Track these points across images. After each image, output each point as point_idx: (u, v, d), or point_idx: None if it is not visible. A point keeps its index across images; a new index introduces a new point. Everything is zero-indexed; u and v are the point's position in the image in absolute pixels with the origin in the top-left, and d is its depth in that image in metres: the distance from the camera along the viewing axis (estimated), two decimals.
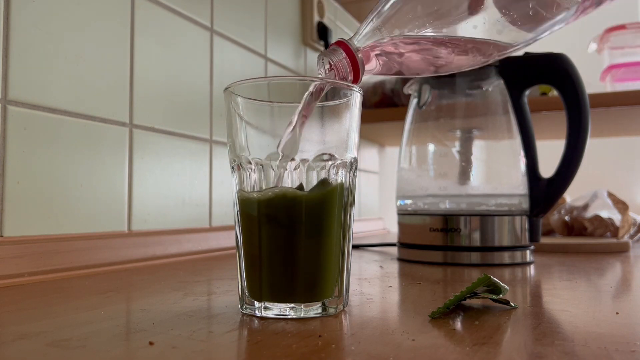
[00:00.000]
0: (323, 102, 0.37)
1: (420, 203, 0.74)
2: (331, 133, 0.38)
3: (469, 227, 0.67)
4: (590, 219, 0.98)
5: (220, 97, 0.84)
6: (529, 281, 0.54)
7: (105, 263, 0.60)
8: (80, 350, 0.28)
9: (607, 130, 1.31)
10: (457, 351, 0.28)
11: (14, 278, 0.50)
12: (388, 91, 1.19)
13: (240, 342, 0.30)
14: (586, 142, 0.67)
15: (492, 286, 0.40)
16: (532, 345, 0.29)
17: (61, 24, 0.58)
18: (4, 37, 0.52)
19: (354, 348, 0.28)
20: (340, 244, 0.37)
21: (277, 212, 0.35)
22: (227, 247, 0.81)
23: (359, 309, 0.39)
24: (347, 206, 0.38)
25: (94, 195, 0.61)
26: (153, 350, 0.28)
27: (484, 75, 0.72)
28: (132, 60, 0.67)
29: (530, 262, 0.69)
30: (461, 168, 0.73)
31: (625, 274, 0.62)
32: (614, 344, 0.29)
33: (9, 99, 0.52)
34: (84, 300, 0.42)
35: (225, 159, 0.84)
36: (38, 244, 0.53)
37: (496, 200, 0.71)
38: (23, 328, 0.33)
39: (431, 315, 0.36)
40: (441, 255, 0.68)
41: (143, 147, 0.68)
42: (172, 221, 0.73)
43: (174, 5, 0.74)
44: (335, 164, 0.37)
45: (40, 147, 0.55)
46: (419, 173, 0.75)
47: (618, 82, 1.15)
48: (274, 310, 0.36)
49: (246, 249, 0.37)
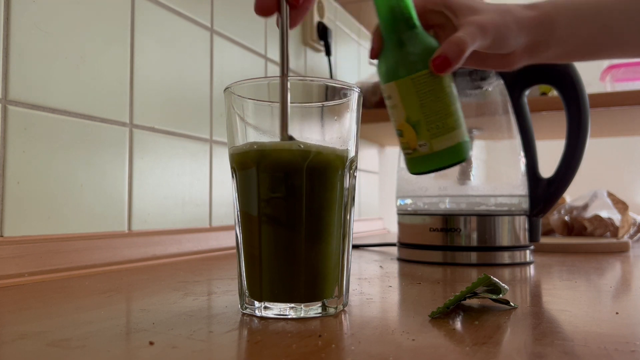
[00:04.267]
0: (323, 102, 0.37)
1: (420, 203, 0.74)
2: (331, 133, 0.38)
3: (469, 227, 0.67)
4: (590, 219, 0.98)
5: (220, 97, 0.84)
6: (528, 281, 0.54)
7: (105, 263, 0.60)
8: (80, 350, 0.28)
9: (607, 130, 1.31)
10: (457, 351, 0.28)
11: (14, 278, 0.50)
12: None
13: (240, 342, 0.30)
14: (586, 142, 0.67)
15: (492, 286, 0.40)
16: (532, 345, 0.29)
17: (61, 24, 0.58)
18: (4, 37, 0.52)
19: (354, 348, 0.28)
20: (340, 244, 0.37)
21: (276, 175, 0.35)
22: (227, 247, 0.81)
23: (359, 309, 0.39)
24: (347, 206, 0.38)
25: (94, 195, 0.61)
26: (153, 350, 0.28)
27: (484, 75, 0.72)
28: (132, 61, 0.67)
29: (530, 262, 0.69)
30: (461, 168, 0.73)
31: (625, 274, 0.62)
32: (614, 343, 0.29)
33: (9, 99, 0.52)
34: (84, 300, 0.42)
35: (225, 159, 0.84)
36: (38, 244, 0.53)
37: (496, 200, 0.71)
38: (23, 328, 0.33)
39: (431, 315, 0.36)
40: (441, 255, 0.68)
41: (143, 147, 0.68)
42: (172, 221, 0.73)
43: (174, 5, 0.74)
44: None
45: (40, 147, 0.55)
46: None
47: (618, 82, 1.15)
48: (274, 310, 0.36)
49: (246, 249, 0.37)
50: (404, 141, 0.49)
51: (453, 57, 0.46)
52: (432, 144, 0.47)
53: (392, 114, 0.50)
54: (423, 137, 0.47)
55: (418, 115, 0.47)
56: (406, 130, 0.48)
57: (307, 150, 0.35)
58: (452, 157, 0.47)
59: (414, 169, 0.50)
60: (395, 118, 0.49)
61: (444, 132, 0.47)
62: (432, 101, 0.46)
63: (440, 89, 0.47)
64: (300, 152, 0.35)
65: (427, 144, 0.47)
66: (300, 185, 0.35)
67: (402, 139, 0.49)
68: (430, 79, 0.46)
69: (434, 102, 0.46)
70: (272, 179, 0.36)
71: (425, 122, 0.47)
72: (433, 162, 0.47)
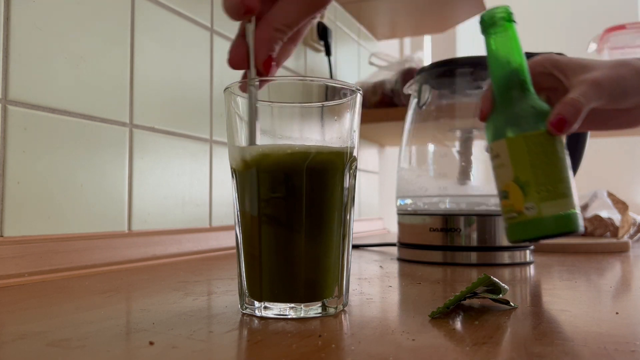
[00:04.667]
0: (323, 102, 0.37)
1: (420, 203, 0.74)
2: (331, 133, 0.38)
3: (469, 227, 0.67)
4: (590, 219, 0.98)
5: (220, 97, 0.84)
6: (528, 281, 0.54)
7: (105, 263, 0.60)
8: (80, 350, 0.28)
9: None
10: (457, 351, 0.28)
11: (14, 278, 0.50)
12: (388, 91, 1.19)
13: (240, 342, 0.30)
14: (586, 142, 0.67)
15: (492, 286, 0.40)
16: (532, 345, 0.29)
17: (61, 24, 0.58)
18: (4, 37, 0.52)
19: (354, 348, 0.28)
20: (340, 244, 0.37)
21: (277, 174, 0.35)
22: (227, 247, 0.81)
23: (359, 309, 0.39)
24: (347, 206, 0.38)
25: (94, 195, 0.61)
26: (153, 350, 0.28)
27: (483, 75, 0.72)
28: (132, 60, 0.67)
29: (530, 262, 0.69)
30: (461, 168, 0.73)
31: (625, 274, 0.62)
32: (614, 343, 0.29)
33: (9, 99, 0.52)
34: (84, 300, 0.42)
35: (225, 159, 0.84)
36: (38, 244, 0.53)
37: (496, 200, 0.71)
38: (23, 328, 0.33)
39: (431, 315, 0.36)
40: (441, 255, 0.68)
41: (143, 147, 0.68)
42: (172, 221, 0.73)
43: (174, 5, 0.74)
44: None
45: (40, 147, 0.55)
46: (419, 173, 0.75)
47: None
48: (274, 310, 0.36)
49: (246, 249, 0.37)
50: (509, 203, 0.46)
51: (569, 118, 0.44)
52: (541, 207, 0.44)
53: (498, 174, 0.47)
54: (531, 199, 0.44)
55: (528, 176, 0.44)
56: (513, 191, 0.45)
57: (307, 151, 0.35)
58: (562, 226, 0.44)
59: (516, 235, 0.46)
60: (502, 178, 0.46)
61: (555, 197, 0.44)
62: (544, 163, 0.44)
63: (553, 151, 0.44)
64: (300, 152, 0.35)
65: (535, 207, 0.44)
66: (300, 185, 0.35)
67: (507, 201, 0.46)
68: (544, 140, 0.44)
69: (546, 164, 0.44)
70: (272, 179, 0.36)
71: (535, 184, 0.44)
72: (540, 228, 0.44)
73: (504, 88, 0.47)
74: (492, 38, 0.48)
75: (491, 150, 0.47)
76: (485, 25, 0.48)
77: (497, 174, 0.47)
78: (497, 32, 0.47)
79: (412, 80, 0.78)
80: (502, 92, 0.47)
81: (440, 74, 0.75)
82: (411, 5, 1.31)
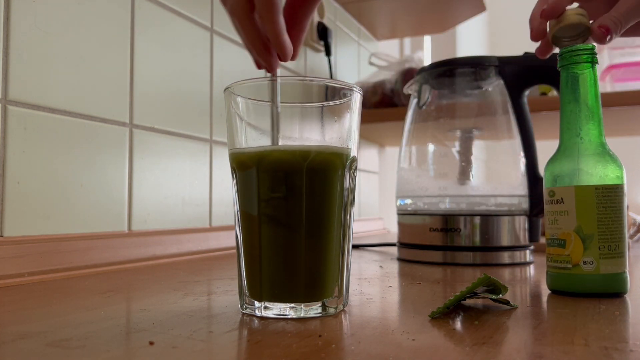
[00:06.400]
0: (323, 102, 0.37)
1: (420, 203, 0.74)
2: (331, 133, 0.38)
3: (469, 227, 0.67)
4: None
5: (220, 97, 0.84)
6: (528, 281, 0.54)
7: (105, 263, 0.60)
8: (80, 350, 0.28)
9: (607, 130, 1.30)
10: (457, 351, 0.28)
11: (14, 278, 0.50)
12: (388, 91, 1.19)
13: (241, 342, 0.30)
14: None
15: (491, 286, 0.40)
16: (532, 345, 0.29)
17: (61, 24, 0.58)
18: (4, 37, 0.52)
19: (354, 348, 0.28)
20: (340, 244, 0.37)
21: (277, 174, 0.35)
22: (227, 247, 0.81)
23: (359, 309, 0.39)
24: (347, 206, 0.38)
25: (94, 195, 0.61)
26: (153, 350, 0.28)
27: (483, 75, 0.72)
28: (132, 60, 0.67)
29: (530, 262, 0.69)
30: (461, 168, 0.73)
31: None
32: (614, 343, 0.29)
33: (9, 99, 0.52)
34: (84, 300, 0.42)
35: (225, 159, 0.84)
36: (38, 244, 0.53)
37: (496, 200, 0.71)
38: (23, 328, 0.33)
39: (431, 315, 0.36)
40: (441, 255, 0.68)
41: (143, 147, 0.68)
42: (172, 221, 0.73)
43: (174, 5, 0.74)
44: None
45: (40, 147, 0.55)
46: (419, 173, 0.75)
47: (618, 82, 1.15)
48: (274, 310, 0.36)
49: (246, 249, 0.37)
50: (564, 253, 0.44)
51: (614, 29, 0.44)
52: (600, 264, 0.42)
53: (556, 219, 0.45)
54: (591, 254, 0.42)
55: (592, 229, 0.43)
56: (572, 242, 0.43)
57: (307, 151, 0.35)
58: (614, 287, 0.43)
59: (560, 285, 0.45)
60: (560, 225, 0.44)
61: (615, 255, 0.43)
62: (610, 219, 0.43)
63: (620, 207, 0.43)
64: (300, 152, 0.35)
65: (595, 263, 0.42)
66: (300, 185, 0.35)
67: (561, 249, 0.44)
68: (614, 196, 0.43)
69: (613, 220, 0.43)
70: (272, 179, 0.36)
71: (598, 239, 0.43)
72: (592, 284, 0.43)
73: (574, 131, 0.45)
74: (571, 76, 0.45)
75: (552, 193, 0.45)
76: (565, 63, 0.46)
77: (555, 219, 0.45)
78: (577, 71, 0.45)
79: (412, 80, 0.78)
80: (571, 135, 0.45)
81: (440, 74, 0.75)
82: (411, 5, 1.31)
